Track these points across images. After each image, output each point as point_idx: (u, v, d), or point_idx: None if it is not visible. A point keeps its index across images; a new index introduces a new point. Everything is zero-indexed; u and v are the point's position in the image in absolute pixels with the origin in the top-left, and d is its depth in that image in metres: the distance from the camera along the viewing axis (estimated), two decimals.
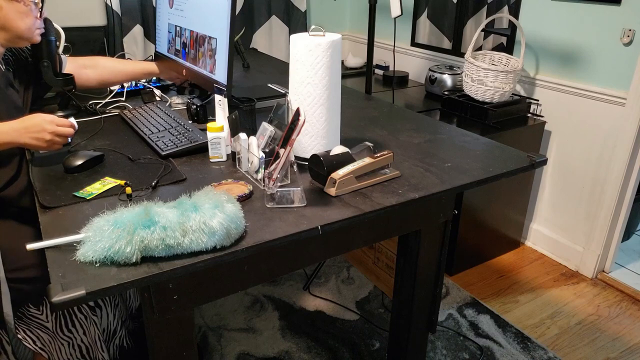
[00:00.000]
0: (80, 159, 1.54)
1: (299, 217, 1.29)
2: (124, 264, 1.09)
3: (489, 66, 2.66)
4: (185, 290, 1.23)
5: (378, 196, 1.40)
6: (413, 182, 1.48)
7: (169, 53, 2.23)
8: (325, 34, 1.50)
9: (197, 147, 1.67)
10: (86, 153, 1.57)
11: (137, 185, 1.44)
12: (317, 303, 2.60)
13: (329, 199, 1.38)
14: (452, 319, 2.49)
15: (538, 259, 3.02)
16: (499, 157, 1.66)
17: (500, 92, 2.69)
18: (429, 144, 1.77)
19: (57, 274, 1.06)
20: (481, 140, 1.80)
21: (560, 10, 2.66)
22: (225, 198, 1.19)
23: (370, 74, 2.62)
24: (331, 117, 1.55)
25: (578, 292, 2.73)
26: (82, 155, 1.55)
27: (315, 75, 1.48)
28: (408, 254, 1.73)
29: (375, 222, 1.48)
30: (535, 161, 1.62)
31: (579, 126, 2.72)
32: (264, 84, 2.42)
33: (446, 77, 3.10)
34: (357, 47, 4.24)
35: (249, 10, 3.69)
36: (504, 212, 2.90)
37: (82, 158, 1.54)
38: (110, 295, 1.79)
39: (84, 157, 1.54)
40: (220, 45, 1.81)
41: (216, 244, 1.14)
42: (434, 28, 3.44)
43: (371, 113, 2.11)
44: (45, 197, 1.37)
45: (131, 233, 1.08)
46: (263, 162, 1.45)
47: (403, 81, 3.56)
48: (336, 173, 1.40)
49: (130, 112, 1.99)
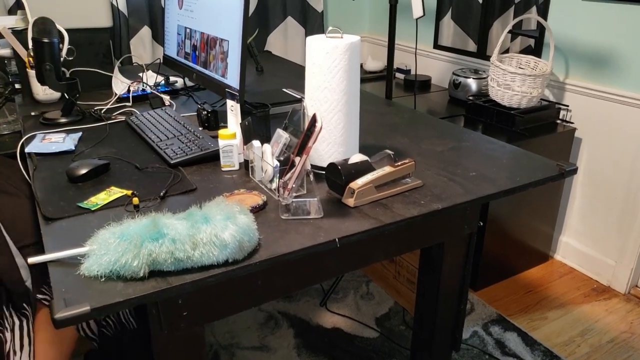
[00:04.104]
0: (84, 168, 1.53)
1: (316, 229, 1.28)
2: (131, 279, 1.08)
3: (516, 70, 2.65)
4: (195, 307, 1.22)
5: (399, 207, 1.39)
6: (436, 192, 1.47)
7: (178, 56, 2.23)
8: (343, 35, 1.49)
9: (208, 155, 1.66)
10: (91, 161, 1.57)
11: (144, 196, 1.44)
12: (334, 320, 2.58)
13: (347, 210, 1.37)
14: (477, 336, 2.48)
15: (568, 273, 3.00)
16: (527, 166, 1.64)
17: (528, 97, 2.67)
18: (453, 152, 1.76)
19: (60, 289, 1.05)
20: (508, 148, 1.79)
21: (592, 11, 2.64)
22: (237, 209, 1.18)
23: (391, 78, 2.61)
24: (349, 124, 1.54)
25: (610, 308, 2.70)
26: (87, 164, 1.55)
27: (332, 80, 1.47)
28: (430, 268, 1.72)
29: (396, 235, 1.47)
30: (564, 170, 1.60)
31: (611, 133, 2.70)
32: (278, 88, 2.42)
33: (471, 82, 3.08)
34: (376, 49, 4.24)
35: (262, 11, 3.69)
36: (532, 223, 2.88)
37: (87, 167, 1.54)
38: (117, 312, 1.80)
39: (88, 166, 1.54)
40: (233, 48, 1.81)
41: (228, 258, 1.13)
42: (458, 29, 3.43)
43: (392, 119, 2.10)
44: (48, 208, 1.37)
45: (138, 246, 1.07)
46: (278, 171, 1.44)
47: (425, 86, 3.55)
48: (355, 183, 1.39)
49: (137, 118, 1.99)
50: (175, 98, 2.33)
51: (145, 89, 2.35)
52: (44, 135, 1.85)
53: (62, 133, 1.89)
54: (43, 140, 1.81)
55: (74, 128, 1.95)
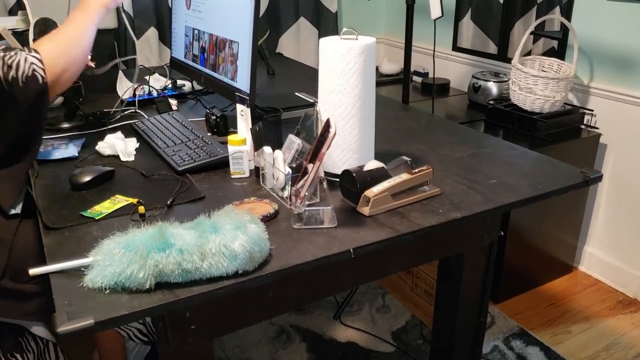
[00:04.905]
0: (88, 175, 1.53)
1: (329, 239, 1.28)
2: (137, 291, 1.08)
3: (538, 73, 2.64)
4: (203, 320, 1.22)
5: (416, 216, 1.38)
6: (455, 200, 1.47)
7: (186, 59, 2.24)
8: (358, 37, 1.49)
9: (216, 162, 1.66)
10: (95, 168, 1.57)
11: (150, 204, 1.44)
12: (349, 334, 2.58)
13: (362, 219, 1.37)
14: (497, 351, 2.47)
15: (592, 285, 2.98)
16: (550, 173, 1.64)
17: (551, 101, 2.66)
18: (473, 159, 1.76)
19: (62, 301, 1.05)
20: (530, 155, 1.79)
21: (617, 11, 2.62)
22: (247, 218, 1.18)
23: (408, 81, 2.61)
24: (364, 129, 1.53)
25: (637, 321, 2.69)
26: (91, 171, 1.55)
27: (347, 83, 1.47)
28: (449, 279, 1.72)
29: (413, 245, 1.47)
30: (589, 177, 1.60)
31: (637, 139, 2.68)
32: (290, 92, 2.42)
33: (491, 85, 3.07)
34: (393, 51, 4.24)
35: (274, 12, 3.70)
36: (555, 233, 2.87)
37: (91, 174, 1.54)
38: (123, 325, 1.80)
39: (92, 173, 1.54)
40: (243, 50, 1.81)
41: (238, 269, 1.13)
42: (478, 31, 3.43)
43: (409, 124, 2.10)
44: (50, 217, 1.37)
45: (144, 257, 1.07)
46: (290, 178, 1.44)
47: (444, 89, 3.55)
48: (370, 190, 1.39)
49: (143, 123, 2.00)
50: (182, 102, 2.34)
51: (151, 92, 2.36)
52: (46, 141, 1.85)
53: (64, 139, 1.89)
54: (45, 146, 1.81)
55: (78, 133, 1.96)
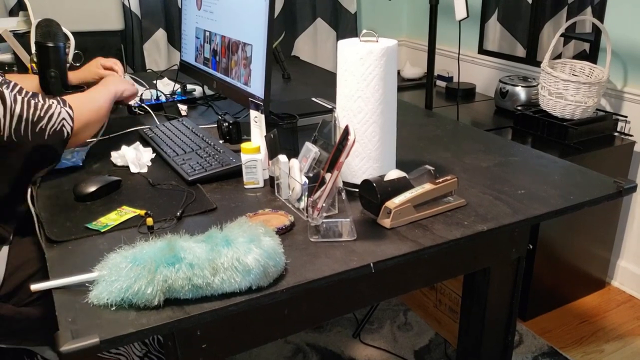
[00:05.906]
0: (93, 185, 1.53)
1: (348, 253, 1.27)
2: (145, 308, 1.08)
3: (569, 77, 2.63)
4: (215, 338, 1.21)
5: (440, 228, 1.38)
6: (481, 212, 1.46)
7: (196, 62, 2.24)
8: (378, 39, 1.49)
9: (229, 171, 1.67)
10: (100, 178, 1.57)
11: (159, 216, 1.44)
12: (369, 352, 2.57)
13: (382, 232, 1.37)
14: None
15: (626, 301, 2.97)
16: (581, 183, 1.63)
17: (583, 107, 2.65)
18: (500, 168, 1.75)
19: (66, 318, 1.06)
20: (560, 164, 1.78)
21: None
22: (262, 231, 1.18)
23: (431, 86, 2.61)
24: (385, 137, 1.53)
25: None
26: (96, 181, 1.55)
27: (366, 88, 1.46)
28: (475, 295, 1.71)
29: (437, 259, 1.46)
30: (623, 187, 1.59)
31: None
32: (307, 97, 2.42)
33: (519, 90, 3.06)
34: (415, 54, 4.24)
35: (290, 13, 3.71)
36: (587, 247, 2.85)
37: (96, 184, 1.54)
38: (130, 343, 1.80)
39: (97, 183, 1.54)
40: (257, 53, 1.81)
41: (251, 284, 1.13)
42: (506, 33, 3.42)
43: (432, 131, 2.10)
44: (53, 230, 1.38)
45: (153, 271, 1.07)
46: (306, 188, 1.44)
47: (469, 94, 3.55)
48: (391, 201, 1.38)
49: (151, 130, 2.00)
50: (193, 108, 2.34)
51: (159, 98, 2.36)
52: None
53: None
54: None
55: None
